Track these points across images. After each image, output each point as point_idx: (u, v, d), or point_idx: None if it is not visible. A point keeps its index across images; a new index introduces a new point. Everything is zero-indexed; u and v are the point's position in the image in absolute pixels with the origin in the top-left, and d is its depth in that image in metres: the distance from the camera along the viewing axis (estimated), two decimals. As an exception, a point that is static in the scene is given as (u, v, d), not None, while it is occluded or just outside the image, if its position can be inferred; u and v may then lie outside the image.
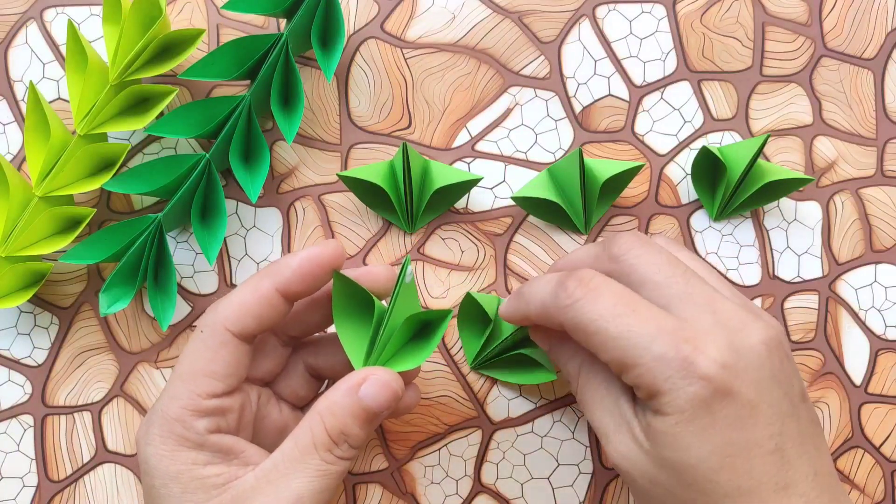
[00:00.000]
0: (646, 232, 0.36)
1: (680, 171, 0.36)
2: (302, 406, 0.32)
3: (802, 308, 0.36)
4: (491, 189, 0.36)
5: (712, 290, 0.27)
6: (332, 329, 0.32)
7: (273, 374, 0.31)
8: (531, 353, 0.33)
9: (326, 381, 0.33)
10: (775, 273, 0.36)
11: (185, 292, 0.36)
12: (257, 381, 0.30)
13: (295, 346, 0.31)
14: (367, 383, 0.26)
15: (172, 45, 0.34)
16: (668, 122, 0.37)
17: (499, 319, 0.34)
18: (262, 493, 0.26)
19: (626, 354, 0.25)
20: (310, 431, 0.26)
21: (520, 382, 0.35)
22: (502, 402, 0.36)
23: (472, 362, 0.35)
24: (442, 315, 0.29)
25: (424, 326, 0.30)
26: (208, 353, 0.27)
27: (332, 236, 0.36)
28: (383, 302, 0.29)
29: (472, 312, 0.35)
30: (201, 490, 0.26)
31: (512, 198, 0.35)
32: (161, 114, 0.36)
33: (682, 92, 0.37)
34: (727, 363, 0.24)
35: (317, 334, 0.32)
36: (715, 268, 0.34)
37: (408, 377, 0.30)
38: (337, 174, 0.35)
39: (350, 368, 0.28)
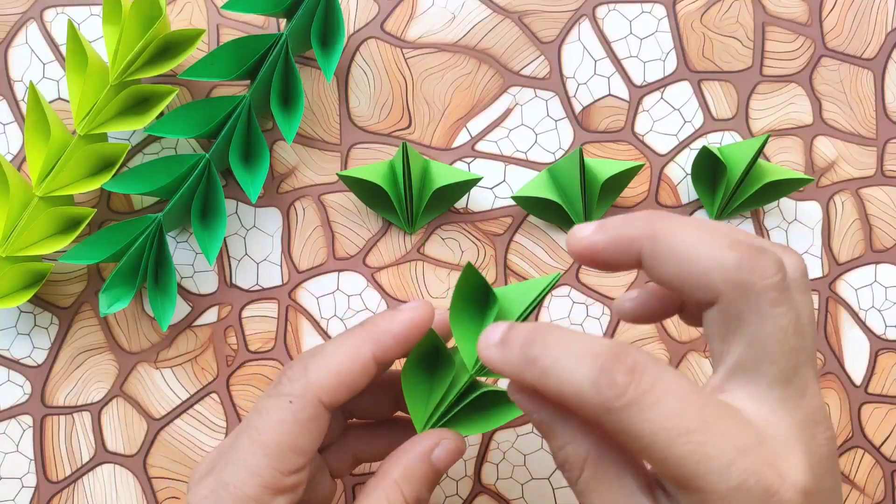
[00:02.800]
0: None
1: (680, 171, 0.36)
2: (323, 448, 0.30)
3: (802, 308, 0.36)
4: (491, 189, 0.36)
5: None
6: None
7: (329, 444, 0.30)
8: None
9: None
10: (775, 273, 0.36)
11: (185, 292, 0.36)
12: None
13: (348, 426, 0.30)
14: (440, 449, 0.26)
15: (172, 45, 0.34)
16: (668, 122, 0.37)
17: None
18: None
19: (693, 478, 0.20)
20: (386, 500, 0.25)
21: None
22: (502, 403, 0.36)
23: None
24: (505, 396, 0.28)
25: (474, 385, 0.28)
26: (299, 428, 0.25)
27: (333, 236, 0.36)
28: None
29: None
30: None
31: (512, 197, 0.35)
32: (161, 114, 0.36)
33: (682, 92, 0.37)
34: (809, 489, 0.20)
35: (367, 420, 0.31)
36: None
37: None
38: (337, 174, 0.35)
39: (385, 410, 0.29)
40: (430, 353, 0.28)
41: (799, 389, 0.21)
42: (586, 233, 0.23)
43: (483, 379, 0.30)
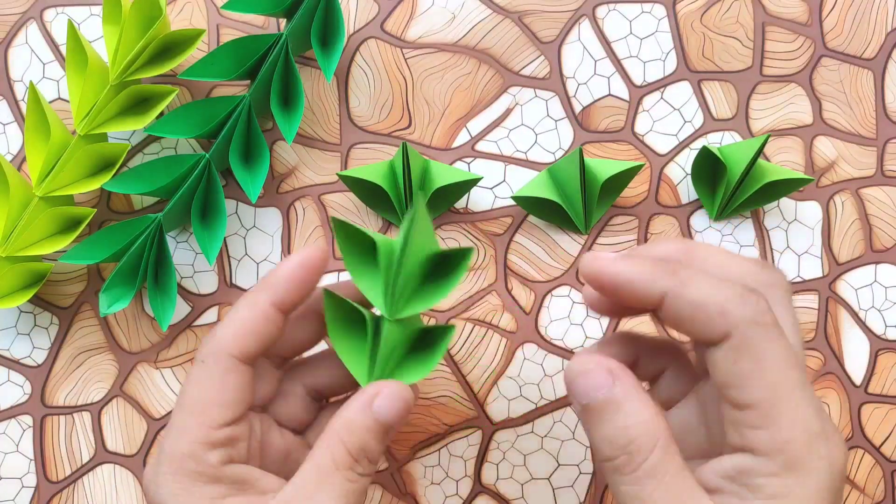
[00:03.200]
0: (646, 231, 0.36)
1: (680, 171, 0.37)
2: (302, 430, 0.31)
3: (802, 308, 0.36)
4: (491, 189, 0.36)
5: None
6: (323, 346, 0.32)
7: (268, 398, 0.30)
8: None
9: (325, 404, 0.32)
10: (775, 273, 0.36)
11: (185, 292, 0.36)
12: (255, 408, 0.30)
13: (289, 368, 0.31)
14: (380, 398, 0.26)
15: (172, 45, 0.34)
16: (668, 122, 0.37)
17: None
18: None
19: (788, 412, 0.22)
20: (329, 452, 0.26)
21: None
22: (502, 403, 0.36)
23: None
24: (445, 329, 0.28)
25: (425, 335, 0.29)
26: (215, 382, 0.26)
27: (332, 236, 0.36)
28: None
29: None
30: None
31: (512, 197, 0.35)
32: (161, 114, 0.36)
33: (682, 92, 0.37)
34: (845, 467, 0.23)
35: (309, 354, 0.31)
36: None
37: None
38: (337, 174, 0.35)
39: (352, 381, 0.28)
40: (349, 312, 0.28)
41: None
42: (610, 259, 0.24)
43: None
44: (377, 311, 0.28)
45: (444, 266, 0.28)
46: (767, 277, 0.25)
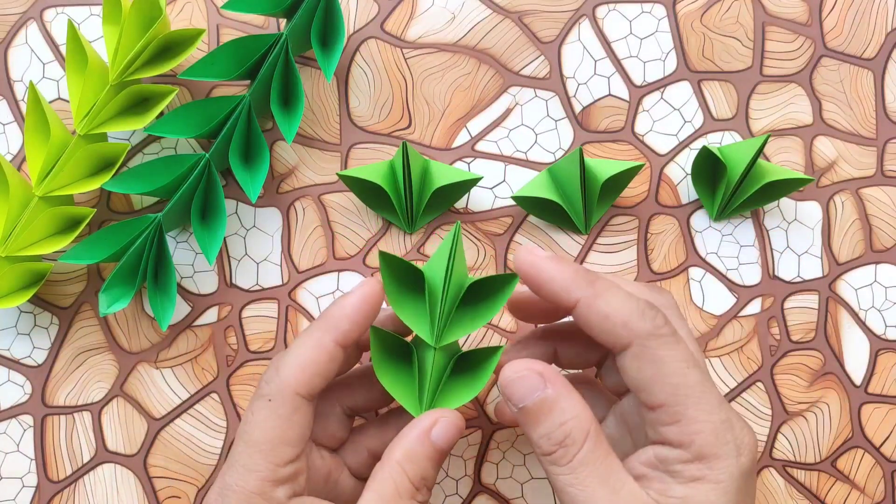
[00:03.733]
0: (646, 231, 0.36)
1: (680, 171, 0.36)
2: (337, 447, 0.31)
3: (802, 308, 0.36)
4: (491, 189, 0.36)
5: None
6: (359, 367, 0.32)
7: (340, 444, 0.31)
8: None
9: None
10: (775, 273, 0.36)
11: (184, 292, 0.36)
12: (323, 447, 0.31)
13: (325, 390, 0.31)
14: (438, 426, 0.27)
15: (172, 45, 0.34)
16: (668, 122, 0.37)
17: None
18: None
19: (692, 408, 0.25)
20: (391, 481, 0.26)
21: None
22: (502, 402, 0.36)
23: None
24: (491, 351, 0.29)
25: (466, 356, 0.30)
26: (282, 422, 0.27)
27: (333, 236, 0.36)
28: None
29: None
30: None
31: (512, 197, 0.35)
32: (161, 114, 0.36)
33: (682, 92, 0.37)
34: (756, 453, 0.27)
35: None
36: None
37: None
38: (337, 174, 0.35)
39: (387, 398, 0.29)
40: (391, 344, 0.29)
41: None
42: (542, 256, 0.27)
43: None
44: (409, 338, 0.29)
45: (483, 288, 0.29)
46: (663, 300, 0.28)
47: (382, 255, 0.28)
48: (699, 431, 0.25)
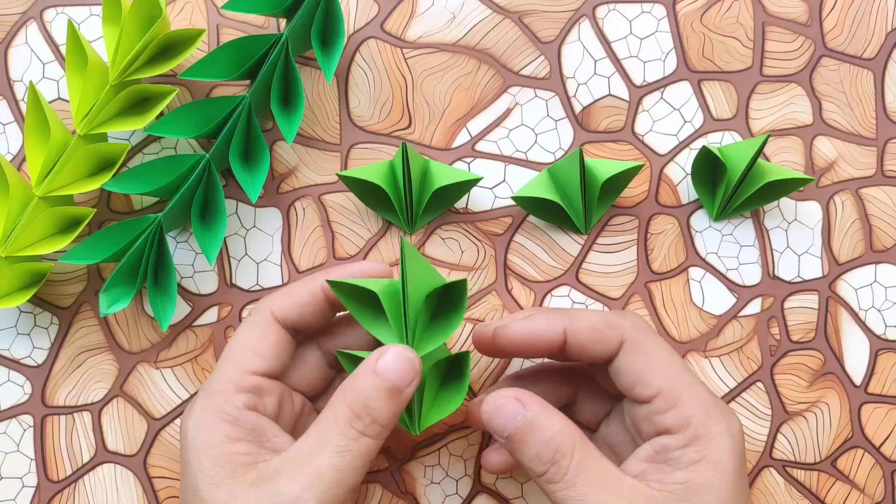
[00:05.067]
0: (646, 231, 0.36)
1: (680, 171, 0.37)
2: (315, 396, 0.32)
3: (802, 308, 0.36)
4: (491, 189, 0.36)
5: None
6: (343, 314, 0.33)
7: (285, 366, 0.31)
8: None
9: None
10: (775, 273, 0.36)
11: (184, 292, 0.36)
12: (300, 392, 0.32)
13: (305, 336, 0.32)
14: (384, 357, 0.27)
15: (172, 45, 0.34)
16: (668, 122, 0.37)
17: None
18: (285, 471, 0.26)
19: (685, 392, 0.27)
20: (331, 410, 0.27)
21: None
22: (502, 402, 0.36)
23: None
24: (464, 356, 0.30)
25: (454, 364, 0.31)
26: (255, 332, 0.29)
27: (333, 236, 0.36)
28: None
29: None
30: (228, 465, 0.27)
31: (512, 197, 0.35)
32: (161, 114, 0.36)
33: (682, 92, 0.37)
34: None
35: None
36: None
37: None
38: (337, 174, 0.35)
39: (374, 343, 0.30)
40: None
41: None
42: (511, 322, 0.29)
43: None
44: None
45: (448, 298, 0.29)
46: (631, 320, 0.29)
47: (331, 283, 0.28)
48: (694, 413, 0.27)
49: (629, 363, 0.28)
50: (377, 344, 0.30)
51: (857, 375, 0.36)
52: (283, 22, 0.37)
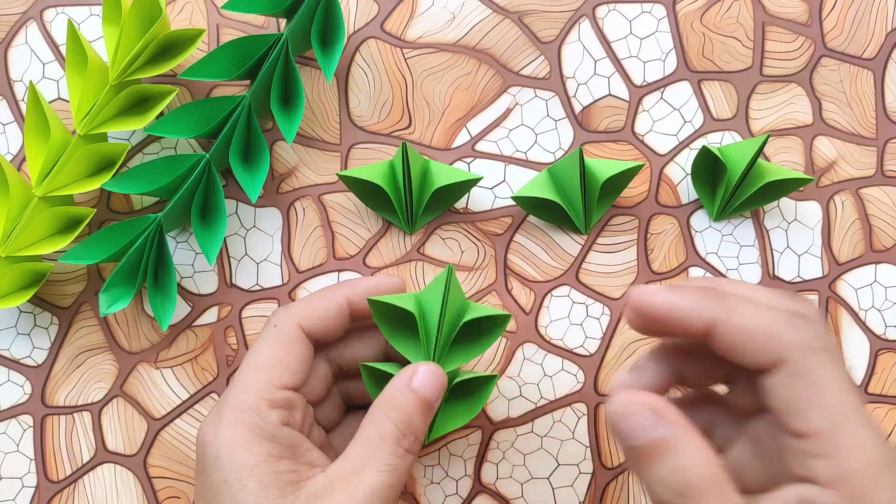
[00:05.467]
0: (646, 231, 0.36)
1: (680, 171, 0.36)
2: (315, 402, 0.32)
3: (802, 308, 0.36)
4: (491, 189, 0.36)
5: None
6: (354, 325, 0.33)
7: (321, 397, 0.31)
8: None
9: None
10: (775, 273, 0.36)
11: (184, 292, 0.36)
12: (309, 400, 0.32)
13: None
14: (418, 375, 0.28)
15: (172, 45, 0.34)
16: (668, 122, 0.37)
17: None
18: (337, 490, 0.26)
19: (849, 441, 0.22)
20: (376, 427, 0.27)
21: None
22: (502, 402, 0.36)
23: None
24: (486, 379, 0.31)
25: (466, 384, 0.32)
26: (282, 346, 0.29)
27: (333, 236, 0.36)
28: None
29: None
30: (275, 485, 0.26)
31: (512, 197, 0.35)
32: (161, 114, 0.36)
33: (682, 92, 0.37)
34: None
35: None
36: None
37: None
38: (337, 174, 0.35)
39: (373, 356, 0.31)
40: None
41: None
42: (657, 289, 0.24)
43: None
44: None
45: (477, 323, 0.30)
46: (807, 312, 0.24)
47: (371, 301, 0.29)
48: (856, 470, 0.21)
49: (785, 387, 0.22)
50: (384, 355, 0.31)
51: (858, 375, 0.36)
52: (283, 22, 0.37)
